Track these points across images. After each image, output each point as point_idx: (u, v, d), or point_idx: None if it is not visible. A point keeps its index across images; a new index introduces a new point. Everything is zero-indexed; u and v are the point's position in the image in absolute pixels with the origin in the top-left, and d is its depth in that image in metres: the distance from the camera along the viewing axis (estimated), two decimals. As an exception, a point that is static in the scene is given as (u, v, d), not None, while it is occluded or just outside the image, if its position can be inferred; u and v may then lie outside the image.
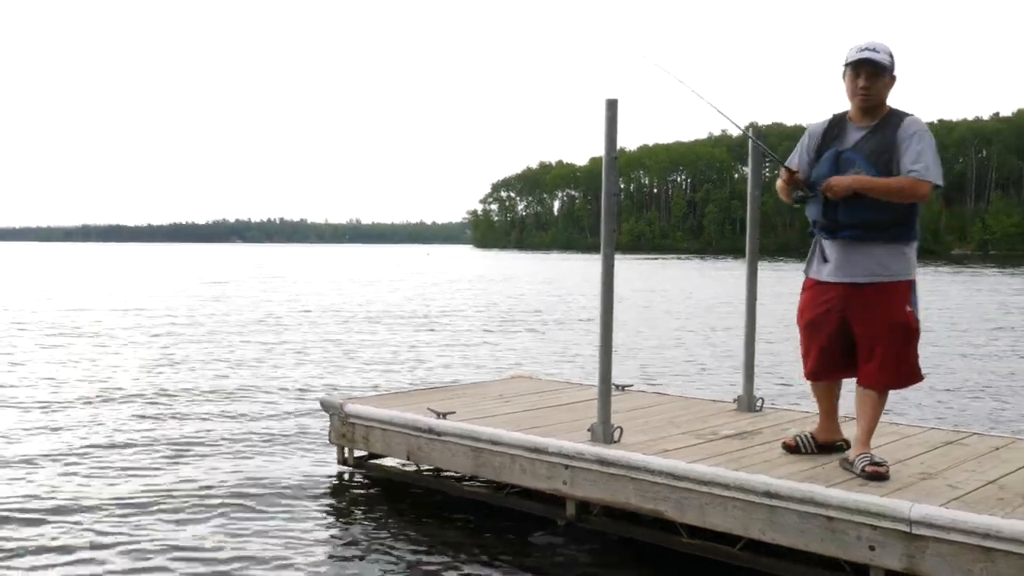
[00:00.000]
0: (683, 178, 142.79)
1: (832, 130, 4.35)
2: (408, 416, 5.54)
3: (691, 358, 12.81)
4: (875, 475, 4.09)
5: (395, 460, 5.91)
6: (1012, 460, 4.57)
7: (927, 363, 4.61)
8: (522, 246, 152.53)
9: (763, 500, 4.02)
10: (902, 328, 4.20)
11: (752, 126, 5.27)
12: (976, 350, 13.87)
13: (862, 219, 4.17)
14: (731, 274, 43.31)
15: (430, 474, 5.72)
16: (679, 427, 5.30)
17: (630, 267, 52.25)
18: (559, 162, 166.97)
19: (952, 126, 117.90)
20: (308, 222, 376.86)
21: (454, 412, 5.53)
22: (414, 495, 5.63)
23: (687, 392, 7.83)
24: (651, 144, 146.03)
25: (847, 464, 4.27)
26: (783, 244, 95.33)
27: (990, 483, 4.11)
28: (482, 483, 5.45)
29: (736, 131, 4.86)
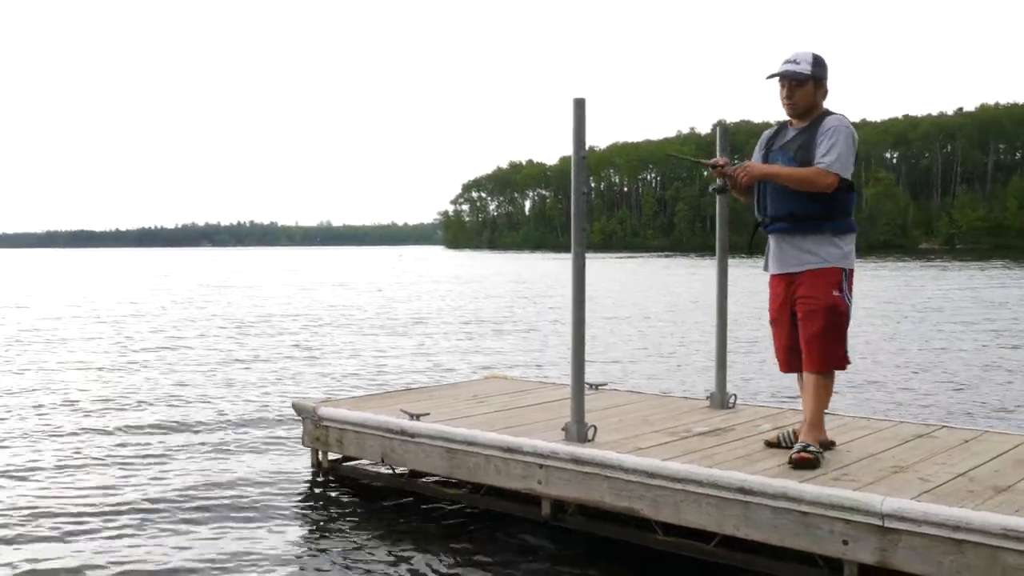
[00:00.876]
0: (653, 176, 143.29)
1: (776, 134, 4.65)
2: (381, 418, 5.52)
3: (664, 356, 12.86)
4: (800, 462, 4.22)
5: (369, 463, 5.88)
6: (981, 452, 4.62)
7: (897, 356, 4.67)
8: (494, 246, 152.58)
9: (737, 496, 4.04)
10: (828, 310, 4.38)
11: (720, 123, 5.44)
12: (947, 343, 14.02)
13: (788, 211, 4.45)
14: (702, 272, 43.53)
15: (405, 476, 5.70)
16: (653, 425, 5.31)
17: (602, 265, 52.40)
18: (529, 162, 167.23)
19: (917, 121, 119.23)
20: (279, 225, 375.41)
21: (428, 413, 5.51)
22: (389, 497, 5.61)
23: (661, 390, 7.86)
24: (621, 143, 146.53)
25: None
26: (755, 242, 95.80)
27: (960, 476, 4.15)
28: (457, 484, 5.44)
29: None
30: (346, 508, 5.46)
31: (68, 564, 4.47)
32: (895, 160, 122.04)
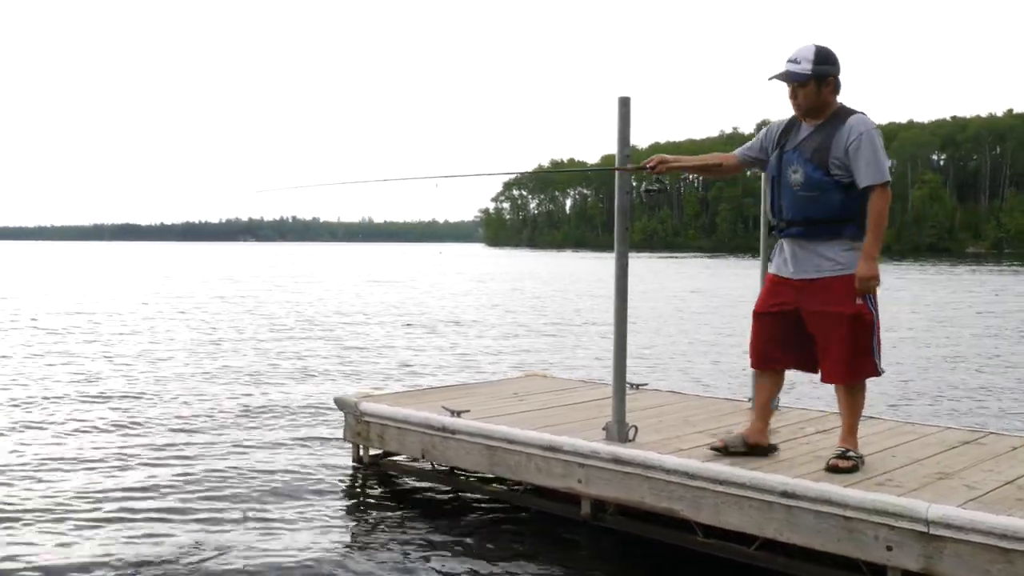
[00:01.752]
0: (696, 176, 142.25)
1: (788, 130, 4.47)
2: (422, 414, 5.55)
3: (706, 357, 12.79)
4: (834, 468, 4.18)
5: (409, 458, 5.92)
6: (1030, 460, 4.54)
7: (946, 362, 4.60)
8: (534, 244, 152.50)
9: (779, 500, 4.01)
10: (853, 320, 4.23)
11: (764, 124, 5.36)
12: (996, 349, 13.79)
13: (804, 216, 4.30)
14: (744, 272, 43.20)
15: (444, 472, 5.72)
16: (694, 426, 5.29)
17: (643, 265, 52.19)
18: (571, 160, 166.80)
19: (965, 123, 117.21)
20: (320, 221, 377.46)
21: (468, 411, 5.53)
22: (428, 493, 5.64)
23: (702, 391, 7.81)
24: (663, 142, 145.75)
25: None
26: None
27: (1008, 483, 4.09)
28: (497, 481, 5.45)
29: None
30: (386, 503, 5.49)
31: (116, 551, 4.55)
32: (942, 162, 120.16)
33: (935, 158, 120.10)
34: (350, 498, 5.65)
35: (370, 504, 5.54)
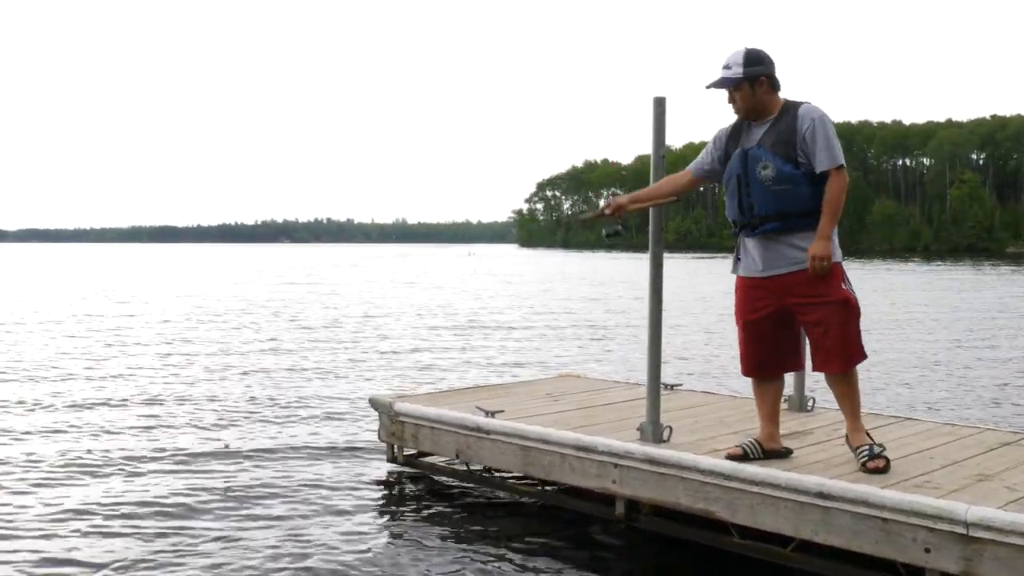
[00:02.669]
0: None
1: (736, 132, 4.49)
2: (457, 415, 5.57)
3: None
4: (875, 470, 4.14)
5: (444, 458, 5.94)
6: (1072, 462, 4.47)
7: (984, 362, 4.54)
8: (567, 245, 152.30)
9: (816, 501, 3.98)
10: (842, 306, 4.23)
11: None
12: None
13: (777, 209, 4.27)
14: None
15: (479, 472, 5.74)
16: (729, 427, 5.27)
17: (677, 265, 51.95)
18: (604, 160, 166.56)
19: (1005, 121, 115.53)
20: (355, 222, 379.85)
21: (503, 411, 5.54)
22: (463, 493, 5.66)
23: (737, 391, 7.77)
24: (697, 142, 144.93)
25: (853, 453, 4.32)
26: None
27: (1049, 485, 4.03)
28: (531, 481, 5.46)
29: None
30: (420, 502, 5.52)
31: (148, 555, 4.62)
32: (981, 161, 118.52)
33: (974, 157, 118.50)
34: (385, 497, 5.68)
35: (405, 504, 5.57)
